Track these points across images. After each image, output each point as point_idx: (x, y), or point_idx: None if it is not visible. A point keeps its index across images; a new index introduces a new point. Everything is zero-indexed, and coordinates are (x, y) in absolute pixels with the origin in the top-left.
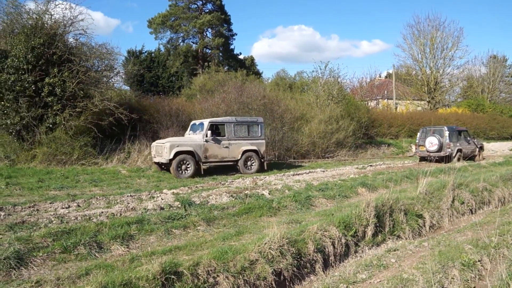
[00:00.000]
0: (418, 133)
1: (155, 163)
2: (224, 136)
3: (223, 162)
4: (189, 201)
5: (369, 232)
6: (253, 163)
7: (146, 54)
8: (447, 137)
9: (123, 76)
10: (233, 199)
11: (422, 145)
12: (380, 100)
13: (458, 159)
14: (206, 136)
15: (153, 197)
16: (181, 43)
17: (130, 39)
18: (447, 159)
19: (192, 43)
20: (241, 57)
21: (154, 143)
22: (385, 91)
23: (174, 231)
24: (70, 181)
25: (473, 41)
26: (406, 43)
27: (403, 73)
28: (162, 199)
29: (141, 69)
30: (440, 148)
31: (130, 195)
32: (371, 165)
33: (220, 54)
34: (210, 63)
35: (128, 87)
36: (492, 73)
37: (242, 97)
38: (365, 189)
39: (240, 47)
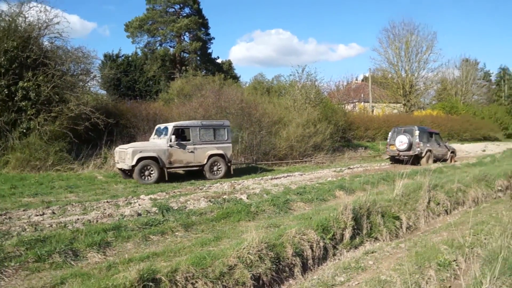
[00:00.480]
0: (390, 133)
1: (119, 169)
2: (190, 140)
3: (188, 167)
4: (167, 207)
5: (347, 234)
6: (219, 167)
7: (123, 58)
8: (417, 137)
9: (100, 80)
10: (211, 204)
11: (392, 144)
12: (357, 103)
13: (427, 160)
14: (170, 141)
15: (130, 203)
16: (159, 47)
17: (107, 42)
18: (416, 159)
19: (169, 47)
20: (218, 61)
21: (117, 149)
22: (362, 94)
23: (151, 237)
24: (45, 187)
25: (446, 45)
26: (382, 46)
27: (379, 77)
28: (139, 205)
29: (118, 73)
30: (409, 147)
31: (107, 201)
32: (348, 168)
33: (198, 58)
34: (187, 67)
35: (105, 91)
36: (465, 76)
37: (220, 101)
38: (343, 192)
39: (217, 51)
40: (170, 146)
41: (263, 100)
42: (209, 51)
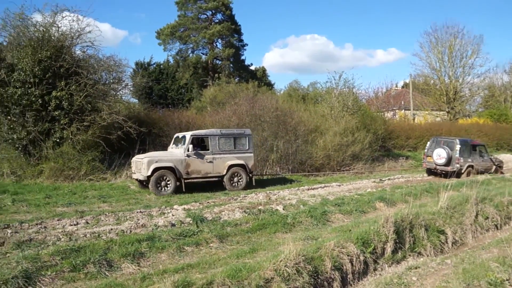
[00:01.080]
0: (428, 142)
1: (136, 180)
2: (208, 150)
3: (206, 178)
4: (201, 217)
5: (389, 248)
6: (240, 179)
7: (154, 65)
8: (458, 151)
9: (131, 89)
10: (246, 214)
11: (430, 156)
12: (397, 111)
13: (467, 175)
14: (188, 151)
15: (164, 213)
16: (191, 54)
17: (138, 50)
18: (455, 175)
19: (201, 54)
20: (252, 68)
21: (134, 159)
22: (402, 102)
23: (186, 248)
24: (78, 197)
25: (494, 49)
26: (423, 51)
27: (421, 83)
28: (173, 215)
29: (150, 81)
30: (448, 162)
31: (140, 211)
32: (389, 179)
33: (231, 65)
34: (220, 74)
35: (137, 100)
36: None
37: (254, 109)
38: (383, 204)
39: (251, 58)
40: (188, 156)
41: (299, 108)
42: (242, 57)
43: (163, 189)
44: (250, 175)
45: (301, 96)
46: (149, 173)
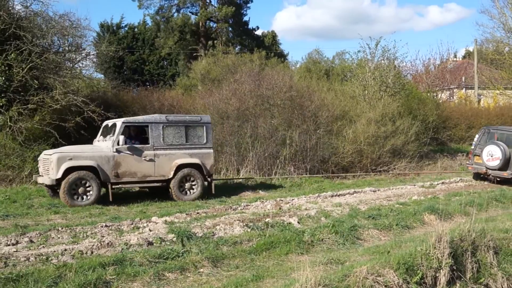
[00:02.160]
0: (477, 135)
1: (44, 185)
2: (149, 143)
3: (145, 182)
4: (188, 233)
5: (442, 278)
6: (194, 184)
7: (126, 29)
8: None
9: (95, 60)
10: (249, 230)
11: (478, 155)
12: (455, 90)
13: None
14: (118, 144)
15: (138, 228)
16: (176, 14)
17: (104, 7)
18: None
19: (190, 14)
20: (258, 33)
21: (41, 155)
22: (463, 78)
23: (167, 275)
24: (19, 206)
25: None
26: (495, 6)
27: (490, 51)
28: (150, 230)
29: (120, 50)
30: (504, 165)
31: (106, 225)
32: (442, 182)
33: (230, 29)
34: (215, 41)
35: (102, 75)
36: None
37: (261, 88)
38: (435, 217)
39: (257, 20)
40: (118, 151)
41: (321, 87)
42: (245, 19)
43: (80, 197)
44: (209, 179)
45: (323, 71)
46: (59, 175)
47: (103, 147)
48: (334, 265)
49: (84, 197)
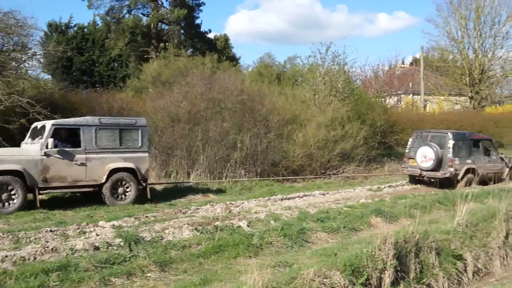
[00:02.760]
0: (410, 139)
1: None
2: (81, 147)
3: (76, 187)
4: (136, 237)
5: (387, 279)
6: (127, 189)
7: (75, 29)
8: (451, 149)
9: (42, 60)
10: (198, 233)
11: (412, 158)
12: (402, 95)
13: (467, 184)
14: (47, 147)
15: (84, 232)
16: (127, 15)
17: (52, 6)
18: (449, 182)
19: (141, 15)
20: (210, 36)
21: None
22: (410, 84)
23: (113, 280)
24: None
25: None
26: (440, 16)
27: (436, 58)
28: (97, 235)
29: (69, 51)
30: (437, 165)
31: (51, 230)
32: (389, 186)
33: (182, 31)
34: (167, 44)
35: (50, 76)
36: None
37: (212, 91)
38: (381, 219)
39: (209, 23)
40: (46, 154)
41: (272, 91)
42: (197, 22)
43: (4, 204)
44: (144, 183)
45: (275, 75)
46: None
47: (30, 150)
48: (282, 268)
49: (7, 204)
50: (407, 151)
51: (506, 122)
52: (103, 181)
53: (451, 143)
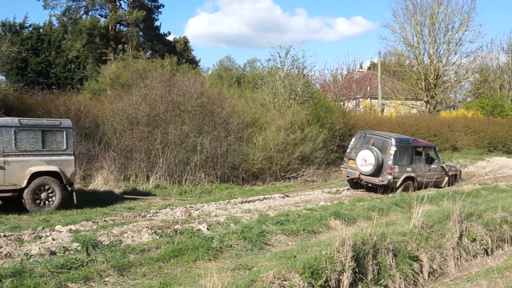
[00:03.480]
0: (353, 138)
1: None
2: None
3: None
4: (94, 241)
5: (345, 280)
6: (51, 194)
7: (31, 29)
8: (392, 156)
9: None
10: (157, 237)
11: (353, 159)
12: (361, 99)
13: (405, 191)
14: None
15: (40, 237)
16: (84, 16)
17: (6, 5)
18: (386, 189)
19: (99, 17)
20: (170, 38)
21: None
22: (368, 88)
23: (70, 285)
24: None
25: (489, 20)
26: (397, 21)
27: (393, 63)
28: (53, 240)
29: (24, 51)
30: (376, 171)
31: (4, 235)
32: (348, 189)
33: (140, 33)
34: (125, 46)
35: (3, 77)
36: None
37: (171, 94)
38: (340, 222)
39: (168, 25)
40: None
41: (232, 94)
42: (157, 24)
43: None
44: (69, 188)
45: (235, 78)
46: None
47: None
48: (242, 271)
49: None
50: (348, 150)
51: (459, 126)
52: (23, 185)
53: (393, 149)
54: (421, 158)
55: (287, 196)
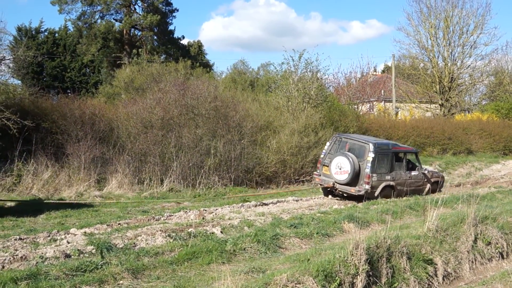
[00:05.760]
0: (328, 142)
1: None
2: None
3: None
4: (108, 244)
5: (359, 283)
6: None
7: (46, 34)
8: (369, 164)
9: (11, 65)
10: (171, 240)
11: (327, 166)
12: (375, 103)
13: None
14: None
15: (55, 240)
16: (99, 21)
17: (22, 10)
18: (362, 199)
19: (114, 21)
20: (184, 42)
21: None
22: (382, 91)
23: None
24: None
25: (504, 22)
26: (411, 24)
27: (407, 66)
28: (68, 243)
29: (39, 56)
30: (352, 179)
31: (20, 238)
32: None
33: (155, 37)
34: (140, 50)
35: (19, 81)
36: None
37: (185, 98)
38: (354, 225)
39: (183, 29)
40: None
41: (245, 98)
42: (171, 28)
43: None
44: None
45: (248, 82)
46: None
47: None
48: (255, 274)
49: None
50: (322, 156)
51: (474, 129)
52: None
53: (371, 156)
54: (401, 165)
55: (297, 200)
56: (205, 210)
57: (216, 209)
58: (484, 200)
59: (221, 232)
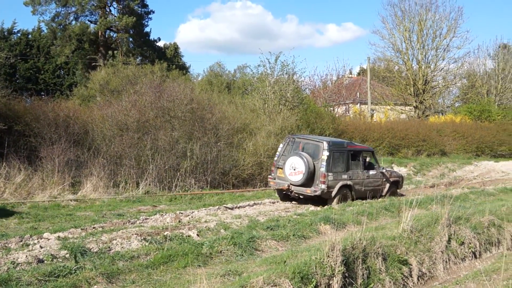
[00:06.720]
0: (281, 144)
1: None
2: None
3: None
4: (82, 249)
5: (335, 285)
6: None
7: (19, 35)
8: (324, 163)
9: None
10: (146, 243)
11: (281, 168)
12: (350, 105)
13: (341, 201)
14: None
15: (28, 245)
16: (73, 22)
17: None
18: (320, 199)
19: (89, 23)
20: (160, 44)
21: None
22: (358, 93)
23: None
24: None
25: (476, 26)
26: (386, 28)
27: (382, 69)
28: (41, 247)
29: (12, 57)
30: (307, 180)
31: None
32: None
33: (130, 39)
34: (115, 51)
35: None
36: (501, 68)
37: (161, 100)
38: (330, 227)
39: (159, 31)
40: None
41: (222, 100)
42: (147, 30)
43: None
44: None
45: (225, 84)
46: None
47: None
48: (231, 277)
49: None
50: (275, 158)
51: (448, 131)
52: None
53: (325, 154)
54: (358, 164)
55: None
56: (182, 213)
57: (193, 212)
58: (458, 201)
59: (198, 235)
